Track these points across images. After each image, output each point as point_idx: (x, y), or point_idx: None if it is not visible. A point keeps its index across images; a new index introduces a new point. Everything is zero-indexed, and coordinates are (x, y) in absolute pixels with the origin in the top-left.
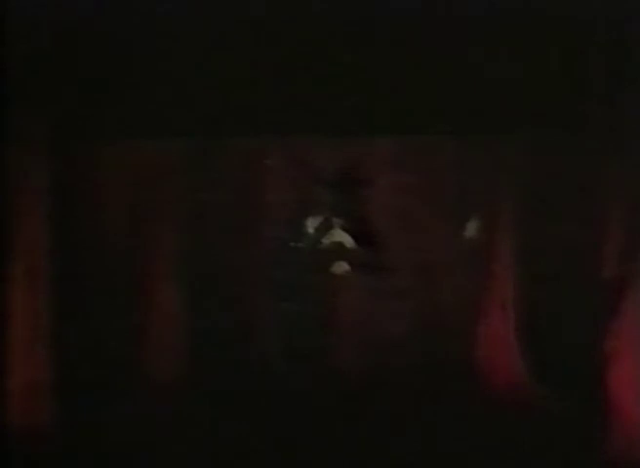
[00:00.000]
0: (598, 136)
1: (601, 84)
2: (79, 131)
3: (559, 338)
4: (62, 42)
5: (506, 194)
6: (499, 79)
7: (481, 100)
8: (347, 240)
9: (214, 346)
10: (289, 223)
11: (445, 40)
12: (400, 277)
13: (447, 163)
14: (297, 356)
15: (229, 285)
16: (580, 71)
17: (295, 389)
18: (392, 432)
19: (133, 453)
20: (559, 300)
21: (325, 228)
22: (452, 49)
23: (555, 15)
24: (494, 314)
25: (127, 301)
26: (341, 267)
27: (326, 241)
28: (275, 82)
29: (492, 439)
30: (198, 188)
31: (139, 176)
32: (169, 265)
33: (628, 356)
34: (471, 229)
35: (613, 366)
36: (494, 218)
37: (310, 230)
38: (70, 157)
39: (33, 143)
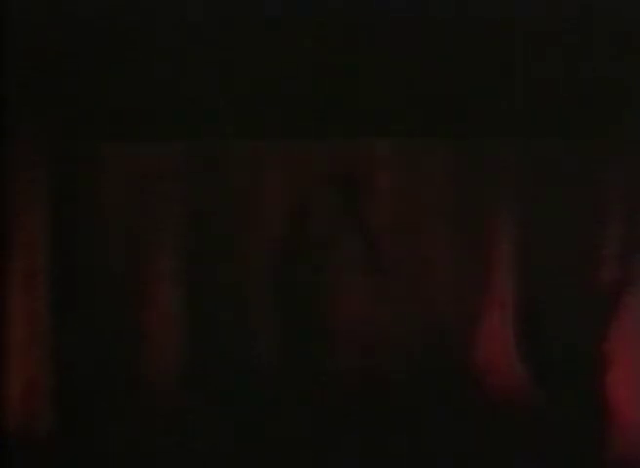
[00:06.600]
0: (598, 137)
1: (600, 84)
2: (79, 131)
3: (559, 339)
4: (63, 42)
5: (506, 195)
6: (499, 81)
7: (481, 102)
8: (347, 240)
9: (214, 346)
10: (289, 223)
11: (445, 41)
12: (400, 277)
13: (447, 164)
14: (296, 356)
15: (229, 285)
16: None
17: (294, 389)
18: (392, 432)
19: (133, 454)
20: (559, 300)
21: (324, 229)
22: (452, 51)
23: (555, 15)
24: (493, 314)
25: (127, 301)
26: (341, 268)
27: (325, 241)
28: (275, 82)
29: (491, 439)
30: (198, 188)
31: (139, 177)
32: (169, 265)
33: (628, 357)
34: (471, 229)
35: (612, 367)
36: (493, 219)
37: (310, 231)
38: (70, 157)
39: (33, 143)
